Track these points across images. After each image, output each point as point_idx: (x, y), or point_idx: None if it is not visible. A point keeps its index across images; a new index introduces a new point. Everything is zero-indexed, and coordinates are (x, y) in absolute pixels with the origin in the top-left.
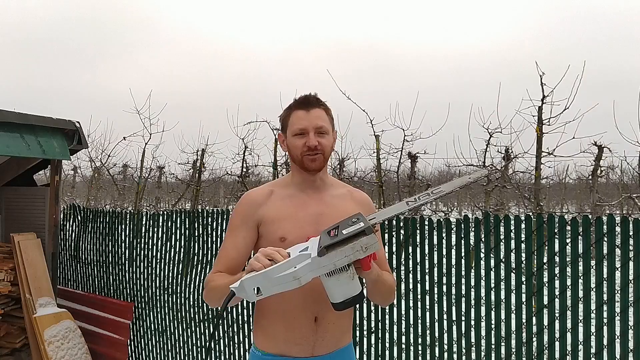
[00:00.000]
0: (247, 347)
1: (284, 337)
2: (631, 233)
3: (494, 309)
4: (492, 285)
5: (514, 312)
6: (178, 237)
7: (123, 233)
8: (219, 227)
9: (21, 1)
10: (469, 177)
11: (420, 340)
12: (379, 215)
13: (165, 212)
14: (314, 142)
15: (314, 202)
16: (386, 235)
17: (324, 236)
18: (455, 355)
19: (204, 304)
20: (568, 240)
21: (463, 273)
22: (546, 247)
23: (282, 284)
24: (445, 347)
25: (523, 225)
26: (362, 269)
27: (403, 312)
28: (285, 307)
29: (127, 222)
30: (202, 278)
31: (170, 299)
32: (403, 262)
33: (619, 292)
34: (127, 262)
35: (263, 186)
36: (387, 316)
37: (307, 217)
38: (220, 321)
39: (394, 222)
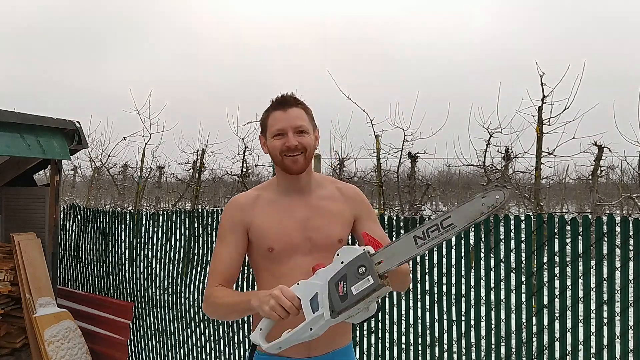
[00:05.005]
0: (247, 347)
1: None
2: (631, 233)
3: (494, 309)
4: (492, 285)
5: (514, 312)
6: (178, 237)
7: (123, 233)
8: (219, 227)
9: (17, 0)
10: (482, 202)
11: (420, 340)
12: (386, 258)
13: (165, 212)
14: (294, 142)
15: (300, 207)
16: (386, 235)
17: (333, 291)
18: (455, 355)
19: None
20: (568, 240)
21: (463, 273)
22: (546, 247)
23: (300, 341)
24: (445, 347)
25: (523, 225)
26: None
27: (403, 312)
28: None
29: (127, 222)
30: (202, 278)
31: (170, 299)
32: None
33: (619, 292)
34: (127, 262)
35: (249, 191)
36: (387, 316)
37: (293, 223)
38: (221, 320)
39: (394, 222)
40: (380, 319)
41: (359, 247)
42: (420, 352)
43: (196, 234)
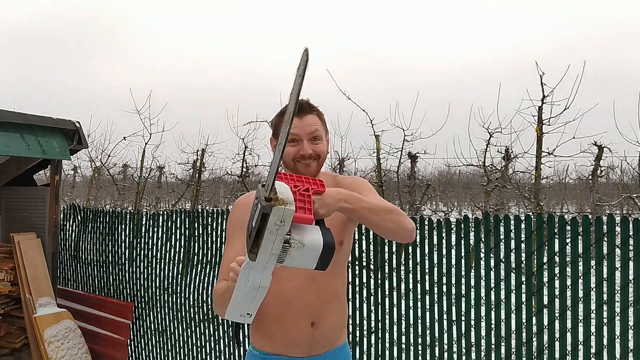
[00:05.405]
0: (247, 347)
1: (283, 340)
2: (631, 233)
3: (494, 309)
4: (492, 285)
5: (514, 312)
6: (178, 237)
7: (123, 233)
8: (219, 227)
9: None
10: (298, 74)
11: (420, 340)
12: (268, 178)
13: (165, 212)
14: (309, 151)
15: None
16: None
17: (246, 237)
18: (455, 355)
19: (204, 304)
20: (568, 240)
21: (463, 273)
22: (546, 247)
23: (254, 299)
24: (445, 347)
25: (523, 225)
26: (306, 221)
27: (403, 312)
28: (283, 311)
29: (127, 222)
30: (202, 278)
31: (170, 299)
32: (403, 262)
33: (619, 292)
34: (127, 262)
35: (254, 192)
36: (387, 316)
37: None
38: (221, 320)
39: None
40: (380, 319)
41: None
42: (420, 352)
43: (196, 234)
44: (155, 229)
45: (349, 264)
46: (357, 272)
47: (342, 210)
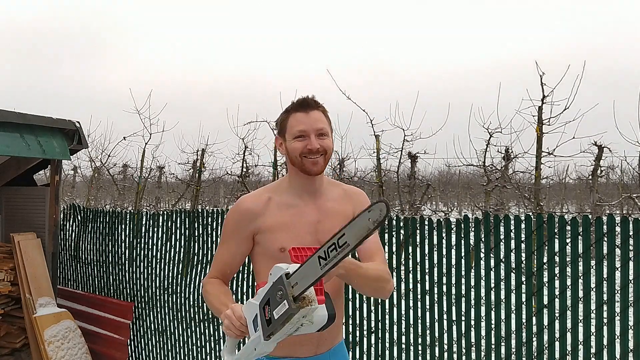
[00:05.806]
0: None
1: (290, 341)
2: (631, 233)
3: (494, 309)
4: (492, 285)
5: (514, 312)
6: (178, 237)
7: (123, 233)
8: (219, 227)
9: (15, 1)
10: (368, 217)
11: (420, 340)
12: (300, 279)
13: (165, 212)
14: (316, 145)
15: (311, 210)
16: (386, 235)
17: (262, 314)
18: (455, 355)
19: (204, 304)
20: (568, 240)
21: (463, 273)
22: (546, 247)
23: (256, 356)
24: (445, 347)
25: (523, 225)
26: (319, 302)
27: (403, 312)
28: None
29: (127, 222)
30: (202, 278)
31: (170, 299)
32: (403, 262)
33: (619, 292)
34: (127, 262)
35: (259, 192)
36: (387, 316)
37: (304, 226)
38: (221, 320)
39: (394, 222)
40: (380, 319)
41: (284, 266)
42: (420, 352)
43: (196, 234)
44: (155, 229)
45: None
46: None
47: (339, 275)
